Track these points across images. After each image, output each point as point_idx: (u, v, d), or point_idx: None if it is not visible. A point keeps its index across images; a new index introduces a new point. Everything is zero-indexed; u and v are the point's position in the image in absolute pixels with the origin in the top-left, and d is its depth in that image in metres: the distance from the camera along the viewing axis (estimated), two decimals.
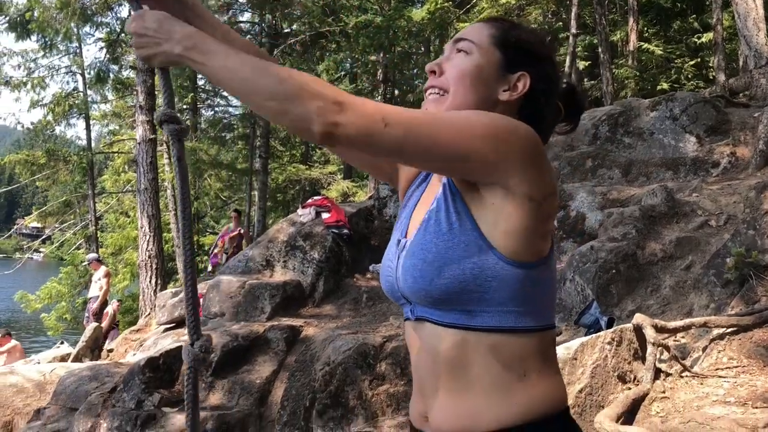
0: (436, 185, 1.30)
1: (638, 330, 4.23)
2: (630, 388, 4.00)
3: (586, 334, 4.95)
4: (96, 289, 11.64)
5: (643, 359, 4.17)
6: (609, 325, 4.95)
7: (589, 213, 7.08)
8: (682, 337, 4.89)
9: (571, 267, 6.08)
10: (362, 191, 17.74)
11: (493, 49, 1.27)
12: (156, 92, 13.26)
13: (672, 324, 4.49)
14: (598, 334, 4.33)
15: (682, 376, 4.16)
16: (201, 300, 8.68)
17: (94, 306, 11.37)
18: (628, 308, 5.72)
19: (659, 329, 4.29)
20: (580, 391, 3.88)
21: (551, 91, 1.29)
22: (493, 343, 1.16)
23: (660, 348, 4.21)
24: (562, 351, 4.02)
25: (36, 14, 14.42)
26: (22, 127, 20.84)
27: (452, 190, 1.20)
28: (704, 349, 4.49)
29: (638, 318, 4.27)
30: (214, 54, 1.10)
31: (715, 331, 4.49)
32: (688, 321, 4.57)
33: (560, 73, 1.33)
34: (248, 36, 19.05)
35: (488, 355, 1.16)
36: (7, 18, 15.50)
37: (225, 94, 22.19)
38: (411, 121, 1.07)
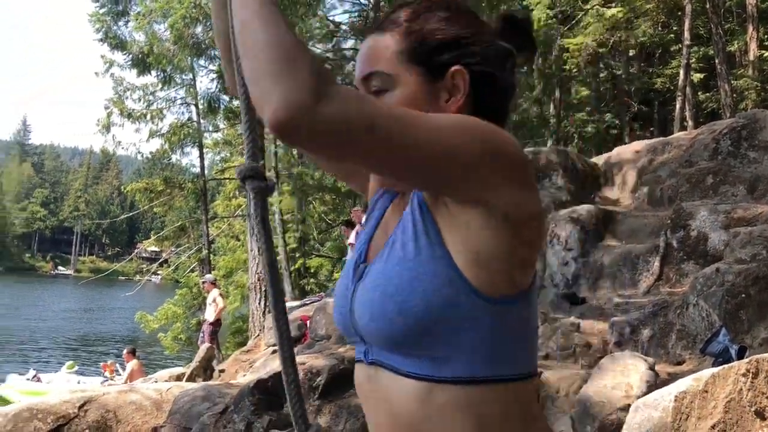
0: (405, 197, 1.08)
1: None
2: None
3: (713, 364, 4.60)
4: (211, 311, 11.88)
5: None
6: (740, 355, 4.58)
7: (712, 233, 6.63)
8: None
9: (694, 291, 5.69)
10: None
11: (409, 67, 1.02)
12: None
13: None
14: (730, 364, 3.98)
15: None
16: (308, 323, 8.79)
17: (208, 327, 11.67)
18: (761, 336, 5.28)
19: None
20: (713, 427, 3.57)
21: (494, 59, 1.03)
22: (466, 397, 0.93)
23: None
24: (691, 382, 3.72)
25: (155, 49, 15.37)
26: (142, 156, 22.13)
27: (422, 208, 0.98)
28: None
29: None
30: None
31: None
32: None
33: (487, 27, 1.06)
34: None
35: (459, 414, 0.93)
36: (131, 56, 16.65)
37: None
38: (400, 129, 0.86)
